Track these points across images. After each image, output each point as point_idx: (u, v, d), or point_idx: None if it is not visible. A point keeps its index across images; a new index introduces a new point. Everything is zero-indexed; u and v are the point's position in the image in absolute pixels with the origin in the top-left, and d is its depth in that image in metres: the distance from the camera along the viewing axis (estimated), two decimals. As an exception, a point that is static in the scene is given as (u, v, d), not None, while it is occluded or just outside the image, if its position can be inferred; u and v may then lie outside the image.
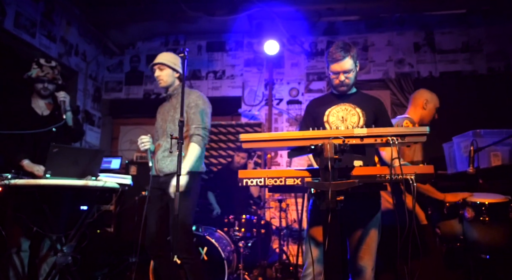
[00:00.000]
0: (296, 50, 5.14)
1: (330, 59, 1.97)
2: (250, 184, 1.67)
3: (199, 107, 2.45)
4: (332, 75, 2.02)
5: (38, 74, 2.62)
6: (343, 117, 2.03)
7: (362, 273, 1.86)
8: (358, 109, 2.01)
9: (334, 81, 2.03)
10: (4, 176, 2.07)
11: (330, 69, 2.01)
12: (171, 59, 2.55)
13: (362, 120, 1.99)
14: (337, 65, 1.96)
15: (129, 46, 5.39)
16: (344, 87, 2.03)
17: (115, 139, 5.42)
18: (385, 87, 4.91)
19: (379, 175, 1.62)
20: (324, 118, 2.04)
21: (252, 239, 3.45)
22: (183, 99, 2.05)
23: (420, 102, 2.66)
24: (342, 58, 1.93)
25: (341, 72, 1.97)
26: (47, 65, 2.68)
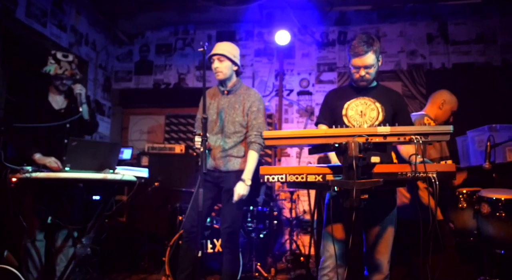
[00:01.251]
0: (307, 40, 5.08)
1: (352, 53, 1.94)
2: (271, 180, 1.68)
3: (261, 112, 2.41)
4: (352, 69, 1.99)
5: (57, 71, 2.55)
6: (362, 111, 2.01)
7: (379, 266, 1.89)
8: (377, 104, 1.99)
9: (354, 75, 2.00)
10: (25, 169, 2.10)
11: (351, 63, 1.98)
12: (231, 50, 2.44)
13: (381, 115, 1.97)
14: (358, 60, 1.93)
15: (138, 35, 5.36)
16: (364, 82, 2.01)
17: (125, 129, 5.44)
18: (397, 78, 4.86)
19: (401, 172, 1.62)
20: (343, 111, 2.02)
21: (264, 230, 3.49)
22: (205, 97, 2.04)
23: (438, 101, 2.65)
24: (364, 52, 1.90)
25: (362, 67, 1.94)
26: (64, 60, 2.61)
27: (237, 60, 2.47)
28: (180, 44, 5.31)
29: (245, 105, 2.42)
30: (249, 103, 2.41)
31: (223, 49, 2.41)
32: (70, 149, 2.19)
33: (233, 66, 2.45)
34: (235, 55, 2.45)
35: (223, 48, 2.42)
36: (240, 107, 2.42)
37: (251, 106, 2.40)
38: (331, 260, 1.88)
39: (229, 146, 2.41)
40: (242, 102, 2.43)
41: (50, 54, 2.65)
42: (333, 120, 2.01)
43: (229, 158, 2.40)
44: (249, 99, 2.42)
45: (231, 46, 2.46)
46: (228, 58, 2.40)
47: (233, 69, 2.45)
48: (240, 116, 2.41)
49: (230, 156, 2.40)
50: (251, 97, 2.43)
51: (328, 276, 1.90)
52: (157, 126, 5.33)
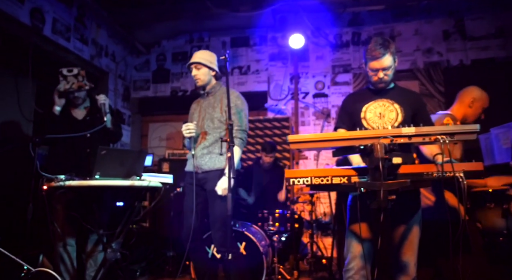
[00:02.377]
0: (321, 43, 5.10)
1: (369, 56, 1.96)
2: (297, 183, 1.71)
3: (239, 108, 2.51)
4: (370, 72, 2.01)
5: (65, 87, 2.68)
6: (380, 113, 2.03)
7: (406, 268, 1.89)
8: (396, 105, 2.00)
9: (373, 78, 2.02)
10: (59, 178, 2.19)
11: (368, 66, 2.00)
12: (207, 57, 2.60)
13: (400, 116, 1.98)
14: (376, 63, 1.95)
15: (155, 45, 5.48)
16: (382, 84, 2.03)
17: (144, 136, 5.56)
18: (413, 77, 4.83)
19: (426, 172, 1.63)
20: (361, 114, 2.04)
21: (286, 233, 3.52)
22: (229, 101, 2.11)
23: (467, 100, 2.61)
24: (382, 55, 1.92)
25: (380, 70, 1.97)
26: (70, 75, 2.71)
27: (214, 65, 2.62)
28: (195, 51, 5.39)
29: (223, 102, 2.54)
30: (226, 100, 2.46)
31: (199, 57, 2.59)
32: (99, 158, 2.27)
33: (211, 72, 2.61)
34: (212, 61, 2.61)
35: (199, 56, 2.60)
36: (218, 105, 2.55)
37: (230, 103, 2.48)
38: (355, 262, 1.88)
39: (209, 143, 2.49)
40: (220, 101, 2.57)
41: (58, 72, 2.77)
42: (352, 124, 2.04)
43: (210, 155, 2.46)
44: (226, 97, 2.48)
45: (207, 53, 2.63)
46: (204, 65, 2.57)
47: (211, 74, 2.61)
48: (218, 112, 2.53)
49: (212, 153, 2.46)
50: (231, 95, 2.48)
51: (354, 279, 1.90)
52: (176, 132, 5.43)
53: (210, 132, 2.52)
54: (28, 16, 3.53)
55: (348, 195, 2.12)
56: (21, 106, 3.87)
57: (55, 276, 1.96)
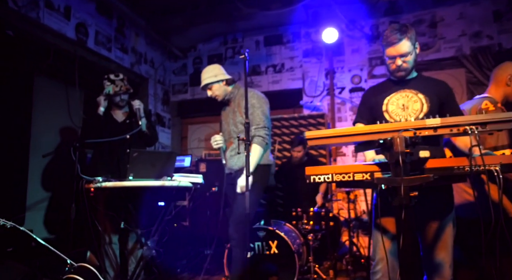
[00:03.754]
0: (356, 35, 4.93)
1: (385, 42, 1.86)
2: (317, 180, 1.67)
3: (255, 106, 2.54)
4: (388, 60, 1.89)
5: (115, 89, 2.89)
6: (403, 105, 1.90)
7: (440, 269, 1.76)
8: (420, 95, 1.86)
9: (391, 66, 1.89)
10: (97, 179, 2.34)
11: (385, 54, 1.89)
12: (210, 75, 2.68)
13: (425, 107, 1.84)
14: (392, 49, 1.83)
15: (191, 49, 5.65)
16: (401, 72, 1.89)
17: (184, 138, 5.76)
18: (459, 65, 4.50)
19: (457, 167, 1.51)
20: (383, 107, 1.92)
21: (321, 231, 3.45)
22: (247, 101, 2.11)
23: (503, 78, 2.32)
24: (398, 40, 1.80)
25: (397, 56, 1.84)
26: (117, 79, 2.94)
27: (222, 76, 2.66)
28: (230, 52, 5.49)
29: (241, 104, 2.57)
30: (244, 102, 2.47)
31: (204, 79, 2.68)
32: (132, 160, 2.40)
33: (222, 83, 2.66)
34: (216, 74, 2.65)
35: (204, 78, 2.68)
36: (238, 109, 2.61)
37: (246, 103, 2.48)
38: (382, 264, 1.78)
39: (237, 145, 2.51)
40: (238, 104, 2.62)
41: (104, 78, 2.97)
42: (373, 118, 1.93)
43: (238, 155, 2.52)
44: (244, 98, 2.48)
45: (209, 70, 2.69)
46: (212, 83, 2.63)
47: (222, 85, 2.67)
48: (239, 116, 2.59)
49: (239, 153, 2.49)
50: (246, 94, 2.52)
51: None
52: (213, 133, 5.50)
53: (235, 136, 2.59)
54: (74, 31, 3.81)
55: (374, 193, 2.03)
56: (71, 114, 4.19)
57: (94, 271, 2.10)
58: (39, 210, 3.65)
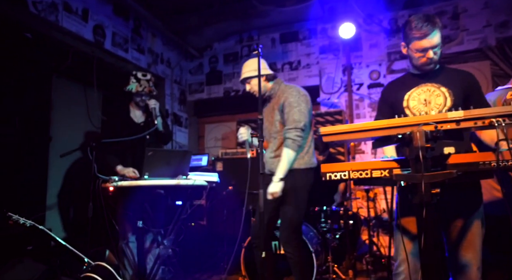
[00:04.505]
0: (374, 30, 4.80)
1: (416, 35, 1.74)
2: (333, 178, 1.61)
3: (291, 105, 2.39)
4: (417, 53, 1.79)
5: (137, 89, 2.89)
6: (425, 99, 1.80)
7: (466, 270, 1.67)
8: (443, 88, 1.77)
9: (420, 60, 1.80)
10: (113, 178, 2.36)
11: (414, 47, 1.78)
12: (250, 68, 2.56)
13: (449, 101, 1.75)
14: (426, 41, 1.73)
15: (207, 48, 5.65)
16: (432, 65, 1.80)
17: (201, 138, 5.78)
18: (483, 57, 4.31)
19: (483, 162, 1.43)
20: (404, 103, 1.83)
21: (340, 230, 3.38)
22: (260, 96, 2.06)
23: None
24: (431, 31, 1.71)
25: (429, 48, 1.74)
26: (144, 79, 2.94)
27: (262, 71, 2.46)
28: (245, 51, 5.46)
29: (279, 103, 2.46)
30: (282, 99, 2.42)
31: (243, 73, 2.58)
32: (147, 159, 2.40)
33: (262, 78, 2.48)
34: (255, 68, 2.47)
35: (243, 72, 2.58)
36: (277, 107, 2.48)
37: (284, 102, 2.41)
38: (406, 265, 1.71)
39: (276, 147, 2.45)
40: (277, 102, 2.48)
41: (132, 74, 2.97)
42: (394, 115, 1.85)
43: (278, 158, 2.39)
44: (283, 96, 2.43)
45: (249, 64, 2.57)
46: (251, 77, 2.51)
47: (262, 80, 2.51)
48: (278, 115, 2.46)
49: (279, 156, 2.39)
50: (284, 93, 2.45)
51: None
52: (230, 132, 5.54)
53: (275, 136, 2.48)
54: (92, 33, 3.87)
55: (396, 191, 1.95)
56: (90, 115, 4.27)
57: (110, 269, 2.12)
58: (59, 209, 3.73)
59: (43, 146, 3.51)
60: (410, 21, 1.77)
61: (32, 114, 3.37)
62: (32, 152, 3.31)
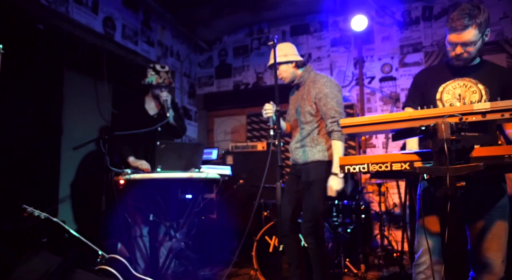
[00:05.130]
0: (387, 22, 4.72)
1: (449, 26, 1.67)
2: (352, 171, 1.58)
3: (328, 97, 2.30)
4: (448, 45, 1.72)
5: (158, 81, 2.87)
6: (460, 95, 1.74)
7: (489, 266, 1.63)
8: (480, 85, 1.70)
9: (450, 53, 1.73)
10: (125, 171, 2.35)
11: (447, 38, 1.71)
12: (280, 53, 2.46)
13: (484, 99, 1.68)
14: (455, 36, 1.65)
15: (216, 41, 5.61)
16: (460, 62, 1.73)
17: (210, 131, 5.76)
18: (499, 50, 4.22)
19: (508, 155, 1.38)
20: (437, 95, 1.77)
21: (351, 225, 3.35)
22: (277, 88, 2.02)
23: None
24: (463, 27, 1.61)
25: (459, 44, 1.66)
26: (163, 71, 2.91)
27: (292, 57, 2.43)
28: (255, 44, 5.42)
29: (311, 93, 2.37)
30: (315, 90, 2.34)
31: (271, 58, 2.42)
32: (160, 152, 2.39)
33: (291, 65, 2.43)
34: (286, 53, 2.43)
35: (272, 56, 2.42)
36: (307, 97, 2.39)
37: (317, 93, 2.33)
38: (427, 256, 1.69)
39: (303, 136, 2.39)
40: (308, 91, 2.40)
41: (149, 67, 2.95)
42: (424, 104, 1.80)
43: (304, 148, 2.36)
44: (315, 86, 2.36)
45: (280, 48, 2.44)
46: (281, 63, 2.41)
47: (291, 67, 2.44)
48: (307, 105, 2.38)
49: (305, 146, 2.36)
50: (316, 83, 2.36)
51: (425, 274, 1.71)
52: (240, 125, 5.52)
53: (303, 127, 2.42)
54: (102, 25, 3.86)
55: (418, 184, 1.91)
56: (100, 108, 4.27)
57: (124, 262, 2.12)
58: (71, 202, 3.75)
59: (56, 139, 3.53)
60: (455, 9, 1.68)
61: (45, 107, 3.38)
62: (45, 145, 3.32)
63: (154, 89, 2.91)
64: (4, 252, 1.84)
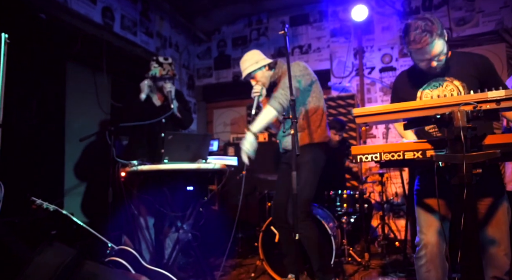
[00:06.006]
0: (387, 12, 4.71)
1: (413, 48, 1.64)
2: (365, 160, 1.59)
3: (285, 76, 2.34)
4: (419, 62, 1.71)
5: (161, 72, 2.85)
6: (438, 96, 1.75)
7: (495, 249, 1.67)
8: (456, 81, 1.72)
9: (425, 66, 1.71)
10: (132, 163, 2.34)
11: (416, 57, 1.70)
12: (250, 63, 2.49)
13: (463, 93, 1.69)
14: (425, 53, 1.64)
15: (215, 31, 5.56)
16: (438, 69, 1.71)
17: (210, 123, 5.74)
18: (499, 39, 4.23)
19: (521, 142, 1.40)
20: (418, 101, 1.80)
21: (354, 214, 3.38)
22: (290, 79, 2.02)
23: None
24: (430, 43, 1.60)
25: (431, 59, 1.66)
26: (166, 63, 2.90)
27: (263, 61, 2.47)
28: (255, 34, 5.38)
29: (282, 80, 2.41)
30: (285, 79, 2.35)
31: (244, 70, 2.48)
32: (167, 143, 2.38)
33: (264, 69, 2.47)
34: (257, 60, 2.46)
35: (244, 68, 2.49)
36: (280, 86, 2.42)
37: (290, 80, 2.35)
38: (427, 249, 1.71)
39: (288, 126, 2.40)
40: (282, 82, 2.42)
41: (153, 59, 2.92)
42: None
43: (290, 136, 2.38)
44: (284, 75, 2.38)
45: (247, 59, 2.48)
46: (256, 71, 2.44)
47: (265, 71, 2.48)
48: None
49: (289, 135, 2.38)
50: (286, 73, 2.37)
51: (427, 268, 1.72)
52: (239, 117, 5.51)
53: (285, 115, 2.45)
54: (100, 15, 3.80)
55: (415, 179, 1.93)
56: (99, 100, 4.22)
57: (134, 253, 2.12)
58: (77, 194, 3.73)
59: (59, 131, 3.50)
60: (407, 31, 1.65)
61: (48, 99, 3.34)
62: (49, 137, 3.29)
63: (158, 81, 2.90)
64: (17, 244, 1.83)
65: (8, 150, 2.00)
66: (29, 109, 3.05)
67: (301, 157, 2.31)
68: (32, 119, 3.05)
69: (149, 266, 2.15)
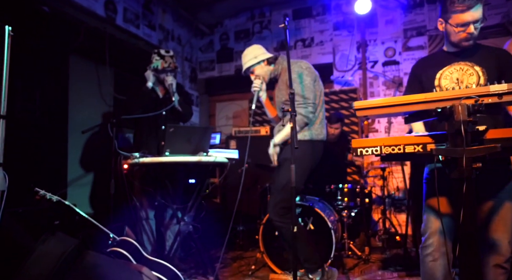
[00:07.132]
0: (391, 5, 4.67)
1: (458, 8, 1.66)
2: (365, 153, 1.59)
3: (295, 82, 2.34)
4: (457, 27, 1.71)
5: (163, 65, 2.86)
6: (458, 79, 1.75)
7: (497, 247, 1.67)
8: (476, 67, 1.72)
9: (460, 35, 1.72)
10: (134, 155, 2.36)
11: (455, 21, 1.70)
12: (249, 58, 2.52)
13: (482, 80, 1.70)
14: (468, 15, 1.65)
15: (218, 25, 5.54)
16: (471, 41, 1.73)
17: (212, 116, 5.75)
18: (505, 33, 4.20)
19: (522, 137, 1.40)
20: (435, 81, 1.79)
21: (355, 208, 3.39)
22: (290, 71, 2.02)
23: None
24: (474, 4, 1.63)
25: (471, 23, 1.67)
26: (168, 55, 2.90)
27: (262, 56, 2.48)
28: (257, 27, 5.35)
29: (283, 80, 2.42)
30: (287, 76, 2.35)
31: (244, 64, 2.52)
32: (168, 135, 2.39)
33: (263, 64, 2.49)
34: (256, 55, 2.48)
35: (244, 63, 2.52)
36: (283, 87, 2.45)
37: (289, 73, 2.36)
38: (435, 238, 1.72)
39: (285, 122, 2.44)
40: (283, 81, 2.43)
41: (154, 52, 2.93)
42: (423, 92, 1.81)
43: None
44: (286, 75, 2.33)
45: (247, 54, 2.52)
46: (253, 65, 2.47)
47: (264, 65, 2.49)
48: (284, 95, 2.41)
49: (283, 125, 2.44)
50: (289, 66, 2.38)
51: (433, 256, 1.73)
52: (241, 110, 5.51)
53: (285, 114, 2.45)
54: (103, 8, 3.79)
55: (424, 168, 1.94)
56: (102, 93, 4.23)
57: (135, 244, 2.14)
58: (80, 186, 3.76)
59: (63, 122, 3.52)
60: None
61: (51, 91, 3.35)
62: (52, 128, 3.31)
63: (160, 73, 2.90)
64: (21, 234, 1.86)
65: (12, 141, 2.01)
66: (33, 101, 3.06)
67: (285, 153, 2.35)
68: (35, 111, 3.07)
69: (150, 257, 2.17)
